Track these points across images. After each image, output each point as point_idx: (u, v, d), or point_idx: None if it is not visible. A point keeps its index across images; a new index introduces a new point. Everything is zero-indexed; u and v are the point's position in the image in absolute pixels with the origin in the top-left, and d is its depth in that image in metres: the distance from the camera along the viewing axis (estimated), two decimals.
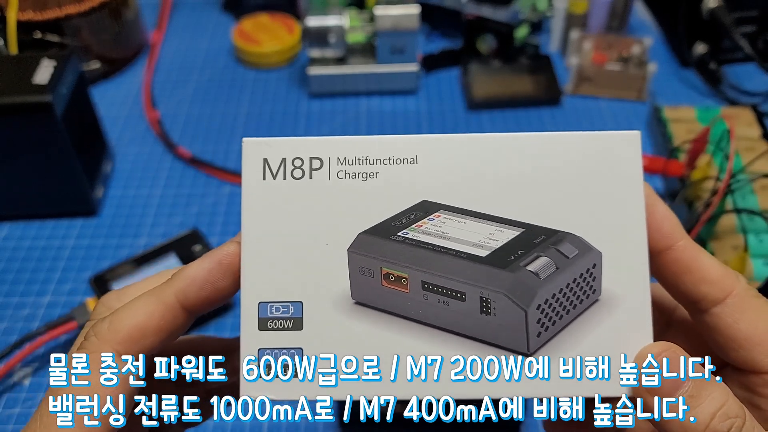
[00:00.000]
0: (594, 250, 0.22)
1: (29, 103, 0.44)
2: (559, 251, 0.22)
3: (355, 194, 0.22)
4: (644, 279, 0.21)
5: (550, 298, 0.21)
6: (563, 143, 0.22)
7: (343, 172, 0.22)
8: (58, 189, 0.49)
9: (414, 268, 0.22)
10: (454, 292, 0.22)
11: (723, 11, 0.59)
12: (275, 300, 0.22)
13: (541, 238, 0.22)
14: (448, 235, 0.22)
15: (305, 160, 0.22)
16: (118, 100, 0.63)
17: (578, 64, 0.61)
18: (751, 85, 0.62)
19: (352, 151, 0.22)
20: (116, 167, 0.56)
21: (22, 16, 0.57)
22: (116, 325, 0.21)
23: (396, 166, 0.22)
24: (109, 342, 0.21)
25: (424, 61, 0.64)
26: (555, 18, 0.65)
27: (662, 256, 0.22)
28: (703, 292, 0.22)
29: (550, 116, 0.60)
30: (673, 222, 0.22)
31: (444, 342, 0.22)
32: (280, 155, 0.22)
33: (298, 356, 0.22)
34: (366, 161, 0.22)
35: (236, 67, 0.66)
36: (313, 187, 0.22)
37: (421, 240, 0.22)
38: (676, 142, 0.52)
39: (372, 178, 0.22)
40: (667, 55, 0.67)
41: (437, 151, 0.22)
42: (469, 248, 0.22)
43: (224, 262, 0.22)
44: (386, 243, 0.22)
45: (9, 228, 0.51)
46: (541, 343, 0.21)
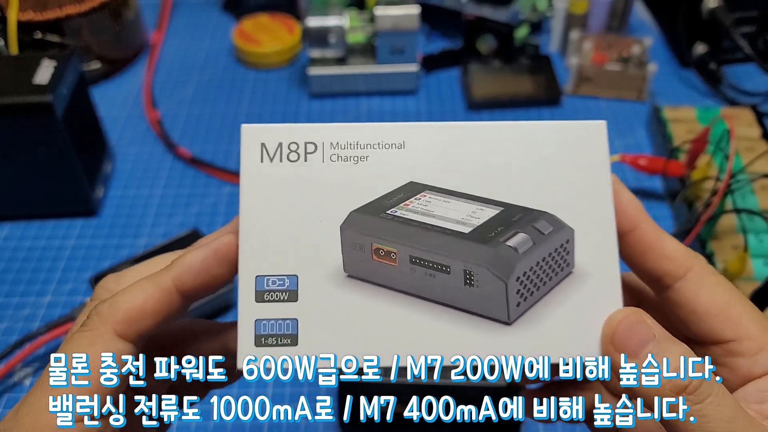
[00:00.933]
0: (567, 227, 0.23)
1: (30, 103, 0.44)
2: (535, 228, 0.24)
3: (346, 176, 0.23)
4: (614, 253, 0.23)
5: (528, 270, 0.23)
6: (538, 131, 0.24)
7: (335, 155, 0.23)
8: (59, 189, 0.49)
9: (402, 243, 0.24)
10: (439, 265, 0.23)
11: (723, 11, 0.59)
12: (271, 273, 0.23)
13: (519, 216, 0.24)
14: (434, 213, 0.24)
15: (300, 145, 0.23)
16: (118, 101, 0.63)
17: (578, 64, 0.61)
18: (750, 86, 0.62)
19: (344, 136, 0.23)
20: (116, 167, 0.56)
21: (22, 17, 0.57)
22: (116, 306, 0.22)
23: (385, 150, 0.23)
24: (109, 321, 0.22)
25: (424, 62, 0.64)
26: (555, 18, 0.65)
27: (627, 237, 0.24)
28: (664, 269, 0.23)
29: (550, 116, 0.60)
30: (636, 206, 0.24)
31: (430, 311, 0.23)
32: (277, 140, 0.23)
33: (293, 326, 0.23)
34: (357, 146, 0.23)
35: (236, 68, 0.67)
36: (308, 169, 0.23)
37: (409, 218, 0.24)
38: (676, 143, 0.52)
39: (363, 161, 0.23)
40: (667, 56, 0.67)
41: (423, 137, 0.24)
42: (453, 225, 0.24)
43: (220, 251, 0.23)
44: (376, 220, 0.24)
45: (9, 228, 0.51)
46: (521, 313, 0.23)
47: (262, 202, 0.23)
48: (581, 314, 0.23)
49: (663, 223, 0.50)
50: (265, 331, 0.22)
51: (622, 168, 0.55)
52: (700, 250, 0.45)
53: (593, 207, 0.23)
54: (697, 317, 0.23)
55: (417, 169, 0.23)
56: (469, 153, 0.24)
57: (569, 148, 0.24)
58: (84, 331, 0.23)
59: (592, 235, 0.23)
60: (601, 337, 0.23)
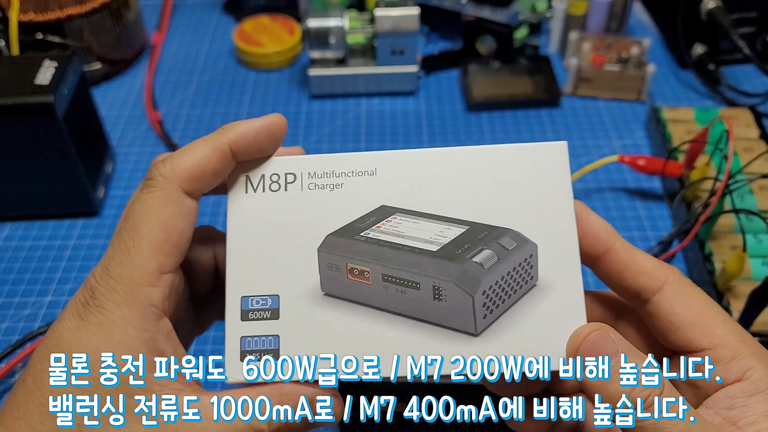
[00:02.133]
0: (530, 242, 0.25)
1: (31, 103, 0.44)
2: (500, 244, 0.25)
3: (323, 202, 0.25)
4: (576, 266, 0.25)
5: (494, 284, 0.25)
6: (502, 154, 0.25)
7: (313, 184, 0.26)
8: (60, 189, 0.50)
9: (375, 262, 0.25)
10: (410, 282, 0.25)
11: (721, 12, 0.59)
12: (255, 294, 0.25)
13: (484, 233, 0.25)
14: (404, 233, 0.26)
15: (281, 176, 0.26)
16: (119, 101, 0.63)
17: (577, 65, 0.61)
18: (749, 86, 0.62)
19: (321, 166, 0.26)
20: (118, 167, 0.56)
21: (23, 17, 0.58)
22: (180, 165, 0.24)
23: (358, 177, 0.25)
24: (175, 181, 0.24)
25: (424, 63, 0.64)
26: (554, 19, 0.66)
27: (603, 259, 0.25)
28: (641, 284, 0.25)
29: (549, 117, 0.60)
30: (607, 229, 0.25)
31: (402, 325, 0.25)
32: (260, 173, 0.26)
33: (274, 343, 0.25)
34: (333, 174, 0.26)
35: (237, 68, 0.67)
36: (288, 198, 0.25)
37: (381, 238, 0.26)
38: (675, 143, 0.52)
39: (338, 189, 0.25)
40: (666, 56, 0.67)
41: (393, 164, 0.26)
42: (421, 244, 0.25)
43: (272, 128, 0.25)
44: (351, 242, 0.25)
45: (11, 228, 0.51)
46: (487, 324, 0.24)
47: (246, 230, 0.25)
48: (546, 325, 0.24)
49: (662, 223, 0.51)
50: (250, 347, 0.24)
51: (621, 168, 0.55)
52: (699, 250, 0.45)
53: (556, 223, 0.25)
54: (674, 327, 0.24)
55: (388, 194, 0.25)
56: (437, 177, 0.25)
57: (533, 169, 0.25)
58: (151, 192, 0.24)
59: (556, 250, 0.25)
60: (566, 352, 0.24)
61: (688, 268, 0.47)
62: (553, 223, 0.25)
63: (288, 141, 0.58)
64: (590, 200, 0.53)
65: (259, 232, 0.25)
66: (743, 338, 0.24)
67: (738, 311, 0.40)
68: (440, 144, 0.58)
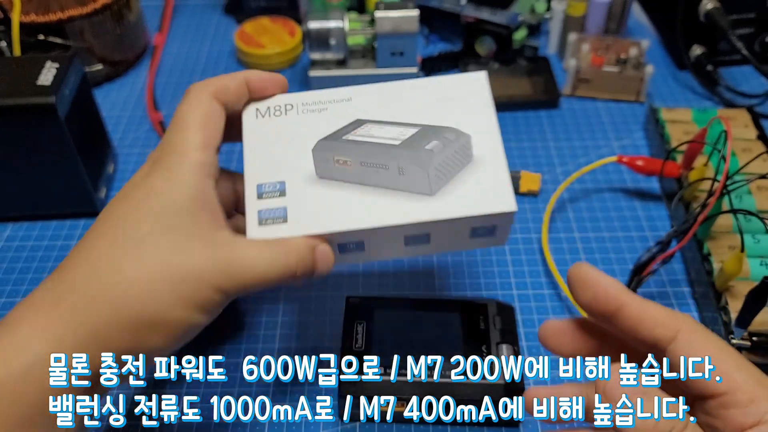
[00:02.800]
0: (466, 134, 0.34)
1: (32, 104, 0.45)
2: (444, 137, 0.34)
3: (314, 120, 0.35)
4: (498, 148, 0.34)
5: (441, 162, 0.33)
6: (441, 82, 0.37)
7: (305, 109, 0.36)
8: (62, 190, 0.50)
9: (354, 153, 0.34)
10: (381, 164, 0.34)
11: (720, 13, 0.59)
12: (267, 181, 0.33)
13: (433, 132, 0.34)
14: (374, 135, 0.35)
15: (282, 106, 0.36)
16: (120, 102, 0.63)
17: (576, 66, 0.61)
18: (747, 87, 0.63)
19: (311, 98, 0.36)
20: (119, 168, 0.56)
21: (25, 18, 0.58)
22: (208, 81, 0.33)
23: (338, 103, 0.36)
24: (205, 88, 0.32)
25: (424, 64, 0.65)
26: (553, 20, 0.66)
27: (616, 316, 0.27)
28: (656, 335, 0.26)
29: (548, 118, 0.61)
30: (617, 287, 0.27)
31: (376, 193, 0.33)
32: (266, 105, 0.36)
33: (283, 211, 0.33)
34: (319, 102, 0.36)
35: (238, 69, 0.67)
36: (287, 119, 0.35)
37: (357, 140, 0.34)
38: (673, 144, 0.52)
39: (324, 111, 0.36)
40: (665, 58, 0.67)
41: (362, 93, 0.36)
42: (387, 141, 0.34)
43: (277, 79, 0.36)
44: (336, 143, 0.34)
45: (12, 228, 0.51)
46: (438, 188, 0.33)
47: (258, 140, 0.35)
48: (480, 184, 0.33)
49: (660, 223, 0.51)
50: (265, 217, 0.32)
51: (619, 169, 0.55)
52: (697, 250, 0.45)
53: (483, 121, 0.35)
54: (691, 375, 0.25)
55: (360, 112, 0.35)
56: (396, 100, 0.36)
57: (464, 91, 0.36)
58: (189, 95, 0.33)
59: (484, 139, 0.34)
60: None
61: (686, 268, 0.47)
62: (480, 120, 0.35)
63: None
64: (589, 200, 0.53)
65: (267, 142, 0.34)
66: (760, 381, 0.24)
67: (736, 311, 0.40)
68: None
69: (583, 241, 0.49)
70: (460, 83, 0.36)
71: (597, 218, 0.51)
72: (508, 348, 0.38)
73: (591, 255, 0.49)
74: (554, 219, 0.51)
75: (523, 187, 0.53)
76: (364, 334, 0.39)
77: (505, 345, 0.38)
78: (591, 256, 0.48)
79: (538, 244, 0.49)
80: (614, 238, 0.50)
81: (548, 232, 0.50)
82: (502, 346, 0.38)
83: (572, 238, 0.50)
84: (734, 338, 0.40)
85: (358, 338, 0.38)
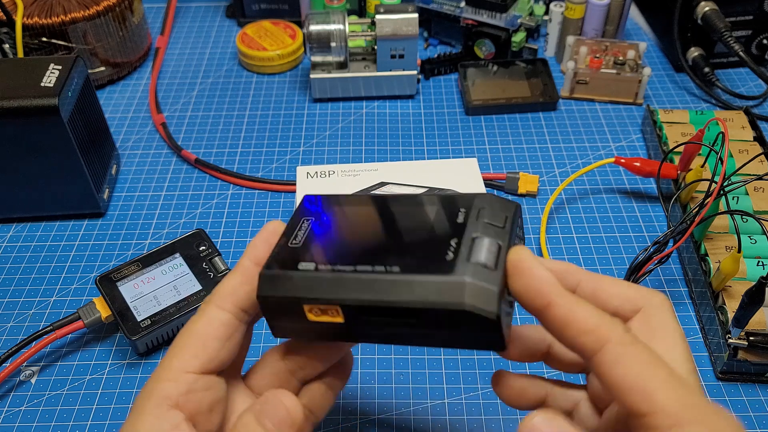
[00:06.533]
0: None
1: (36, 106, 0.45)
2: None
3: (349, 181, 0.51)
4: None
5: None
6: (441, 165, 0.53)
7: (343, 174, 0.52)
8: (65, 191, 0.50)
9: None
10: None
11: (717, 16, 0.60)
12: None
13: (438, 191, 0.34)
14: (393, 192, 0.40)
15: (326, 172, 0.52)
16: (123, 104, 0.64)
17: (574, 69, 0.62)
18: (744, 89, 0.63)
19: (348, 168, 0.53)
20: (122, 169, 0.57)
21: (28, 21, 0.58)
22: (216, 289, 0.29)
23: (368, 171, 0.52)
24: (209, 300, 0.28)
25: (423, 66, 0.65)
26: (551, 23, 0.66)
27: (545, 314, 0.24)
28: (580, 343, 0.23)
29: (547, 119, 0.61)
30: (549, 281, 0.24)
31: None
32: (314, 170, 0.53)
33: None
34: (354, 171, 0.53)
35: (240, 72, 0.67)
36: (329, 180, 0.52)
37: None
38: (671, 145, 0.53)
39: (357, 176, 0.52)
40: (662, 60, 0.68)
41: (387, 167, 0.53)
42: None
43: (273, 231, 0.30)
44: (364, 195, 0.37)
45: (15, 228, 0.52)
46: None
47: (307, 189, 0.51)
48: None
49: (657, 224, 0.51)
50: None
51: (617, 170, 0.56)
52: (694, 251, 0.46)
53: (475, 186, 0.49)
54: (615, 390, 0.23)
55: (384, 178, 0.51)
56: (410, 173, 0.52)
57: (461, 171, 0.52)
58: (196, 313, 0.29)
59: None
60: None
61: (684, 268, 0.48)
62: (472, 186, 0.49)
63: (290, 143, 0.59)
64: (587, 201, 0.53)
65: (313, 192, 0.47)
66: (686, 402, 0.22)
67: (733, 311, 0.41)
68: (439, 146, 0.58)
69: (580, 242, 0.50)
70: (458, 164, 0.53)
71: (594, 219, 0.52)
72: (491, 243, 0.26)
73: (588, 255, 0.49)
74: (552, 220, 0.52)
75: (521, 188, 0.53)
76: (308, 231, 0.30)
77: (487, 239, 0.26)
78: (588, 257, 0.49)
79: (536, 245, 0.50)
80: (611, 239, 0.50)
81: (546, 233, 0.50)
82: (482, 239, 0.26)
83: (570, 239, 0.50)
84: (731, 338, 0.40)
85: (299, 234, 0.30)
